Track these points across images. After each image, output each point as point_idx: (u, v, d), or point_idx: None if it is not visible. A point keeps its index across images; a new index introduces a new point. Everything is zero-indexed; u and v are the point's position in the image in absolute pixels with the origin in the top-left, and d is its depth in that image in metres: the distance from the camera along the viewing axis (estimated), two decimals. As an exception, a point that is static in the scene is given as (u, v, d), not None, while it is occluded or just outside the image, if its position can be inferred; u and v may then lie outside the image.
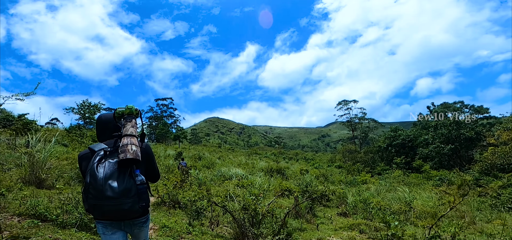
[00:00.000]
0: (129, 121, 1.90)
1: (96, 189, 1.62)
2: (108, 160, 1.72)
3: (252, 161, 30.62)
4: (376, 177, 24.42)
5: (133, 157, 1.70)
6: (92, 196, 1.63)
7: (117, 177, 1.66)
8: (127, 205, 1.65)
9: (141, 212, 1.76)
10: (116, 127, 2.00)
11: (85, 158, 1.80)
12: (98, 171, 1.65)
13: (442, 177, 20.93)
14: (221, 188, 11.36)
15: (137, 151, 1.76)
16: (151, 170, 2.01)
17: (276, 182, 11.44)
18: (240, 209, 4.05)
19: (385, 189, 14.79)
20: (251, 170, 21.37)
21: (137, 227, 1.90)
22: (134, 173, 1.74)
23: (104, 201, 1.62)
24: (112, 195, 1.62)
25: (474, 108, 32.81)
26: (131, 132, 1.83)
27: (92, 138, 6.65)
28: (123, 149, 1.72)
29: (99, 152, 1.76)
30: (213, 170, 18.40)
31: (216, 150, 48.59)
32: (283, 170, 25.33)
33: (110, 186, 1.62)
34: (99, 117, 2.07)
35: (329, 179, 22.48)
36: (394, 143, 34.03)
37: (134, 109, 1.97)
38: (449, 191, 5.24)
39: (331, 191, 7.55)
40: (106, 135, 2.00)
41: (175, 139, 41.06)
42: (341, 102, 47.43)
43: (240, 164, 25.57)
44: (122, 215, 1.69)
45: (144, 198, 1.73)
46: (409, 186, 18.47)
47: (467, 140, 28.55)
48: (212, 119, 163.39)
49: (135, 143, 1.78)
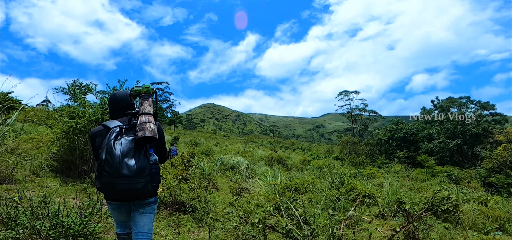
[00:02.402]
0: (146, 100, 1.89)
1: (112, 167, 1.60)
2: (124, 137, 1.70)
3: (250, 149, 29.55)
4: (381, 170, 23.40)
5: (152, 135, 1.69)
6: (106, 174, 1.61)
7: (134, 155, 1.64)
8: (140, 185, 1.64)
9: (152, 192, 1.74)
10: (130, 105, 1.97)
11: (99, 135, 1.78)
12: (115, 148, 1.62)
13: (450, 173, 19.97)
14: (227, 180, 10.03)
15: (155, 129, 1.75)
16: (161, 150, 1.96)
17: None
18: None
19: (400, 184, 13.67)
20: (251, 159, 20.01)
21: (144, 206, 1.83)
22: (148, 152, 1.71)
23: (119, 179, 1.59)
24: (128, 173, 1.60)
25: (480, 104, 31.99)
26: (148, 110, 1.82)
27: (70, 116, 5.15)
28: (142, 126, 1.70)
29: (115, 129, 1.73)
30: (212, 157, 17.11)
31: (212, 136, 47.42)
32: (284, 159, 24.23)
33: (126, 164, 1.61)
34: (113, 94, 2.04)
35: (332, 170, 21.40)
36: (395, 136, 33.08)
37: (150, 88, 1.95)
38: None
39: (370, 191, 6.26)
40: (120, 113, 1.95)
41: (170, 123, 39.55)
42: (342, 92, 46.24)
43: (238, 152, 24.35)
44: (135, 194, 1.66)
45: (156, 178, 1.71)
46: (415, 182, 17.54)
47: (473, 136, 27.75)
48: (207, 105, 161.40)
49: (153, 122, 1.77)
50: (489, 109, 31.95)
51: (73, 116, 5.22)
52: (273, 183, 5.74)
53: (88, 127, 5.11)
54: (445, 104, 33.26)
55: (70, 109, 5.40)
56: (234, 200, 5.14)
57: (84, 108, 5.39)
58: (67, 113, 5.35)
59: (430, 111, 36.01)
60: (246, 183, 7.68)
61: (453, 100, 33.23)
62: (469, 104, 32.48)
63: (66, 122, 4.98)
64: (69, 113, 5.30)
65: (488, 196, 6.87)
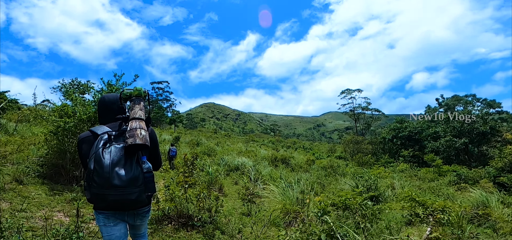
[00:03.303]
0: (137, 104, 1.75)
1: (102, 177, 1.48)
2: (113, 145, 1.58)
3: (252, 148, 28.99)
4: (388, 170, 22.76)
5: (142, 142, 1.57)
6: (96, 185, 1.49)
7: (124, 164, 1.53)
8: (134, 195, 1.53)
9: (147, 202, 1.64)
10: (120, 109, 1.81)
11: (86, 141, 1.64)
12: (104, 157, 1.51)
13: (460, 173, 19.32)
14: (232, 183, 9.39)
15: (146, 136, 1.62)
16: (155, 156, 1.84)
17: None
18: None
19: (417, 186, 13.02)
20: (254, 159, 19.36)
21: (140, 217, 1.74)
22: (141, 159, 1.60)
23: (110, 191, 1.48)
24: (119, 183, 1.49)
25: (486, 102, 31.39)
26: (139, 115, 1.69)
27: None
28: (132, 133, 1.58)
29: (103, 136, 1.61)
30: (215, 158, 16.50)
31: (213, 136, 46.87)
32: (288, 159, 23.67)
33: (117, 174, 1.49)
34: (102, 97, 1.87)
35: (338, 171, 20.82)
36: (400, 135, 32.44)
37: (142, 91, 1.80)
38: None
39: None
40: (109, 117, 1.79)
41: (171, 123, 38.95)
42: (344, 91, 45.58)
43: (241, 152, 23.76)
44: (128, 205, 1.56)
45: (151, 187, 1.59)
46: (424, 181, 16.94)
47: (480, 135, 27.10)
48: (208, 105, 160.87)
49: (144, 128, 1.65)
50: (495, 107, 31.35)
51: (62, 114, 4.58)
52: (294, 191, 5.10)
53: (79, 127, 4.49)
54: (451, 102, 32.66)
55: (60, 107, 4.76)
56: (246, 209, 4.51)
57: (76, 106, 4.75)
58: (57, 112, 4.71)
59: (435, 110, 35.39)
60: (255, 187, 7.05)
61: (458, 98, 32.62)
62: (475, 102, 31.88)
63: (53, 121, 4.35)
64: (58, 112, 4.66)
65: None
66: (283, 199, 4.57)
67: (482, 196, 6.49)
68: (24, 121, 11.41)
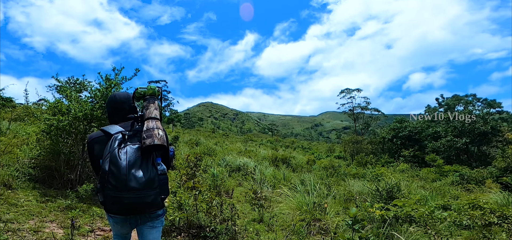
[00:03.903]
0: (152, 103, 1.68)
1: (118, 179, 1.40)
2: (129, 145, 1.49)
3: (251, 148, 28.64)
4: (390, 170, 22.49)
5: (160, 143, 1.51)
6: (111, 187, 1.40)
7: (140, 166, 1.46)
8: (150, 198, 1.45)
9: (162, 205, 1.57)
10: (132, 108, 1.76)
11: (98, 142, 1.57)
12: (120, 158, 1.42)
13: (462, 174, 19.12)
14: (236, 184, 8.99)
15: (164, 136, 1.56)
16: (166, 157, 1.72)
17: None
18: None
19: (420, 186, 12.72)
20: (255, 159, 18.98)
21: (152, 220, 1.64)
22: (156, 161, 1.53)
23: (126, 193, 1.40)
24: (137, 186, 1.41)
25: (487, 102, 31.28)
26: (155, 115, 1.62)
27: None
28: (150, 133, 1.51)
29: (117, 136, 1.52)
30: (215, 158, 16.10)
31: (211, 135, 46.45)
32: (288, 159, 23.33)
33: (134, 176, 1.41)
34: (112, 95, 1.79)
35: (339, 171, 20.53)
36: (400, 134, 32.24)
37: (156, 89, 1.75)
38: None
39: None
40: (120, 116, 1.73)
41: (169, 122, 38.45)
42: (343, 90, 45.33)
43: (241, 152, 23.37)
44: (143, 208, 1.48)
45: (165, 189, 1.54)
46: (426, 182, 16.69)
47: (481, 135, 26.96)
48: (206, 104, 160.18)
49: (161, 127, 1.59)
50: (495, 107, 31.26)
51: (56, 112, 4.15)
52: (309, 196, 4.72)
53: (74, 126, 4.07)
54: (451, 102, 32.50)
55: (53, 104, 4.33)
56: (258, 215, 4.12)
57: (70, 103, 4.33)
58: (49, 109, 4.28)
59: (435, 109, 35.24)
60: (262, 189, 6.66)
61: (459, 98, 32.48)
62: (475, 102, 31.77)
63: (46, 119, 3.92)
64: (51, 109, 4.23)
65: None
66: (299, 204, 4.19)
67: (504, 198, 6.17)
68: (18, 120, 10.96)
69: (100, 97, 4.37)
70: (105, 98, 4.37)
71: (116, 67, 4.72)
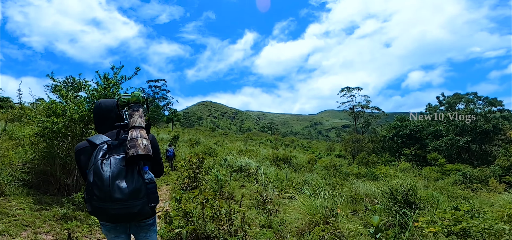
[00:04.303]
0: (136, 111, 1.66)
1: (102, 191, 1.40)
2: (113, 156, 1.49)
3: (252, 147, 28.41)
4: (393, 169, 22.30)
5: (144, 152, 1.49)
6: (97, 198, 1.42)
7: (125, 176, 1.45)
8: (136, 208, 1.45)
9: (151, 214, 1.55)
10: (118, 117, 1.74)
11: (84, 152, 1.57)
12: (103, 170, 1.43)
13: (465, 172, 18.95)
14: (238, 186, 8.74)
15: (148, 145, 1.54)
16: (157, 164, 1.75)
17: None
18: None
19: (424, 185, 12.52)
20: (256, 159, 18.76)
21: (144, 230, 1.67)
22: (142, 170, 1.51)
23: (112, 204, 1.41)
24: (121, 197, 1.41)
25: (488, 100, 31.12)
26: (139, 123, 1.61)
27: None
28: (133, 143, 1.50)
29: (102, 146, 1.52)
30: (216, 158, 15.85)
31: (210, 134, 46.19)
32: (289, 159, 23.13)
33: (118, 187, 1.41)
34: (98, 103, 1.74)
35: (340, 170, 20.33)
36: (400, 133, 32.04)
37: (141, 96, 1.71)
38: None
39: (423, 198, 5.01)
40: (107, 125, 1.71)
41: (168, 122, 38.14)
42: (344, 89, 45.15)
43: (241, 151, 23.17)
44: (132, 218, 1.48)
45: (154, 198, 1.51)
46: (429, 181, 16.50)
47: (483, 133, 26.78)
48: (205, 103, 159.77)
49: (145, 137, 1.57)
50: (497, 105, 31.11)
51: (50, 114, 3.89)
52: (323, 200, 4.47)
53: (70, 129, 3.81)
54: (452, 100, 32.34)
55: (47, 104, 4.06)
56: (265, 220, 3.89)
57: (66, 104, 4.06)
58: (44, 110, 4.02)
59: (436, 108, 35.07)
60: (267, 192, 6.42)
61: (460, 96, 32.30)
62: (476, 100, 31.60)
63: (40, 121, 3.66)
64: (46, 110, 3.96)
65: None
66: (309, 209, 3.95)
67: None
68: (15, 121, 10.70)
69: (98, 98, 4.11)
70: (104, 98, 4.13)
71: (115, 66, 4.46)
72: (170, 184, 7.48)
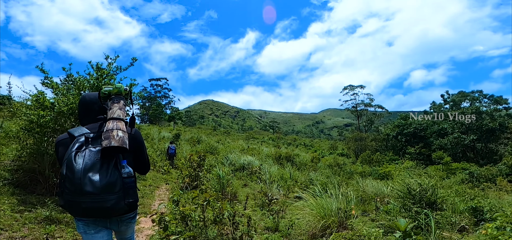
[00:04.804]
0: (116, 102, 1.63)
1: (73, 183, 1.36)
2: (89, 148, 1.46)
3: (254, 146, 28.14)
4: (398, 168, 21.89)
5: (118, 144, 1.44)
6: (68, 191, 1.38)
7: (99, 169, 1.40)
8: (109, 203, 1.39)
9: (128, 209, 1.50)
10: (102, 109, 1.71)
11: (63, 144, 1.53)
12: (76, 162, 1.39)
13: (472, 171, 18.55)
14: (241, 185, 8.40)
15: (124, 137, 1.49)
16: (141, 160, 1.72)
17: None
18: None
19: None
20: (259, 157, 18.42)
21: (124, 223, 1.65)
22: (120, 164, 1.48)
23: (83, 198, 1.36)
24: (92, 190, 1.36)
25: (494, 98, 30.57)
26: (118, 115, 1.56)
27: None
28: (107, 134, 1.46)
29: (79, 138, 1.49)
30: (218, 156, 15.54)
31: (212, 133, 45.99)
32: (292, 157, 22.80)
33: (90, 180, 1.37)
34: (82, 97, 1.73)
35: (345, 169, 19.97)
36: (404, 131, 31.59)
37: (123, 88, 1.68)
38: None
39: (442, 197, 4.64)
40: (90, 118, 1.68)
41: (170, 120, 37.94)
42: (347, 87, 44.73)
43: (243, 150, 22.89)
44: (105, 213, 1.42)
45: (132, 193, 1.48)
46: (435, 179, 16.09)
47: (489, 132, 26.28)
48: (206, 102, 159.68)
49: (122, 128, 1.51)
50: (502, 103, 30.54)
51: (37, 106, 3.56)
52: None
53: (58, 123, 3.47)
54: (457, 98, 31.79)
55: (35, 96, 3.73)
56: (272, 223, 3.55)
57: (56, 96, 3.73)
58: (32, 102, 3.68)
59: (440, 106, 34.56)
60: (272, 191, 6.08)
61: (465, 94, 31.73)
62: (481, 98, 31.05)
63: (24, 114, 3.33)
64: (33, 103, 3.63)
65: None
66: (319, 209, 3.60)
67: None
68: (13, 117, 10.49)
69: (89, 89, 3.77)
70: (96, 90, 3.79)
71: (109, 56, 4.12)
72: (169, 183, 7.15)
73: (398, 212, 4.51)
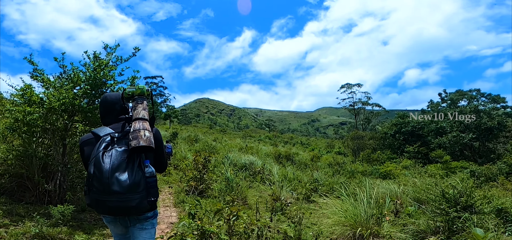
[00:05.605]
0: (140, 103, 1.67)
1: (101, 183, 1.40)
2: (115, 148, 1.49)
3: (252, 144, 27.77)
4: (399, 167, 21.71)
5: (146, 144, 1.49)
6: (95, 190, 1.42)
7: (126, 169, 1.44)
8: (134, 201, 1.43)
9: (149, 208, 1.53)
10: (123, 109, 1.76)
11: (88, 144, 1.58)
12: (103, 162, 1.43)
13: (473, 170, 18.47)
14: (246, 187, 7.96)
15: (151, 137, 1.54)
16: (160, 159, 1.73)
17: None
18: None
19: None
20: (258, 156, 18.05)
21: (143, 223, 1.62)
22: (143, 163, 1.51)
23: (110, 197, 1.40)
24: (119, 189, 1.39)
25: (491, 97, 30.70)
26: (143, 115, 1.61)
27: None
28: (135, 135, 1.50)
29: (105, 138, 1.53)
30: (217, 156, 15.09)
31: (208, 131, 45.52)
32: (292, 156, 22.52)
33: (117, 180, 1.40)
34: (104, 96, 1.79)
35: (345, 168, 19.70)
36: (402, 130, 31.56)
37: (145, 89, 1.73)
38: None
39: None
40: (112, 117, 1.73)
41: (166, 118, 37.27)
42: (344, 85, 44.61)
43: (241, 149, 22.50)
44: (128, 212, 1.48)
45: (153, 192, 1.51)
46: (436, 179, 15.96)
47: (487, 130, 26.32)
48: (202, 100, 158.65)
49: (148, 129, 1.56)
50: (499, 102, 30.69)
51: (23, 102, 3.06)
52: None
53: (49, 121, 2.99)
54: (455, 97, 31.83)
55: (21, 90, 3.22)
56: (294, 233, 3.13)
57: (47, 90, 3.23)
58: (18, 97, 3.18)
59: (437, 105, 34.60)
60: (284, 195, 5.65)
61: (462, 93, 31.79)
62: (479, 97, 31.15)
63: (9, 110, 2.84)
64: (19, 98, 3.13)
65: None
66: (347, 215, 3.19)
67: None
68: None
69: (85, 82, 3.28)
70: (92, 83, 3.30)
71: (108, 45, 3.63)
72: (172, 186, 6.67)
73: (425, 216, 4.17)
